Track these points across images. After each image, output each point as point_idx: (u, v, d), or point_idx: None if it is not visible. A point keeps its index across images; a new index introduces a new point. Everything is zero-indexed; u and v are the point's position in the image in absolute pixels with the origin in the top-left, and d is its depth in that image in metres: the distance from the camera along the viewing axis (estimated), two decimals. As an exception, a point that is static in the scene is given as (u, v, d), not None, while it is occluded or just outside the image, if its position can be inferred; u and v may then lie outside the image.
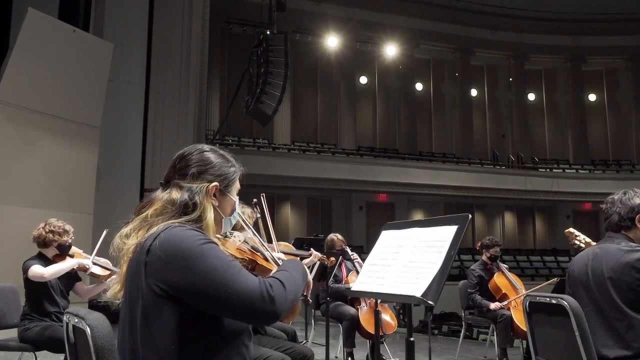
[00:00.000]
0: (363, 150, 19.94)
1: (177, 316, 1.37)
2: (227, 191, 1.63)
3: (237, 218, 1.71)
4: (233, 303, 1.36)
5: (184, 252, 1.38)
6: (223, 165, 1.63)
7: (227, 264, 1.40)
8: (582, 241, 2.98)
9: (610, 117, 23.93)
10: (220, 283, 1.35)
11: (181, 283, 1.36)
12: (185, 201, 1.53)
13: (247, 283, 1.37)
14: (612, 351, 2.38)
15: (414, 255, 1.78)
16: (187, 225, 1.48)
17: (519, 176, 20.09)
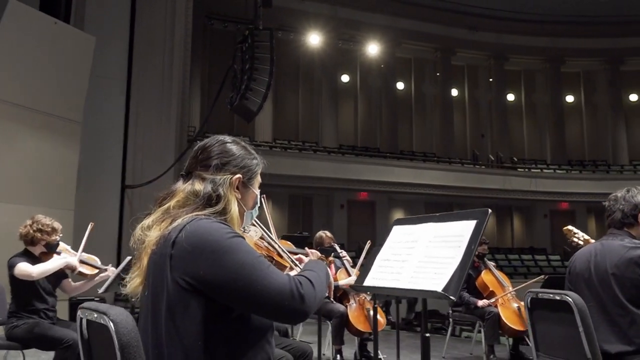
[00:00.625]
0: (345, 149, 19.95)
1: (203, 311, 1.34)
2: (250, 184, 1.60)
3: (257, 212, 1.68)
4: (262, 299, 1.32)
5: (212, 245, 1.34)
6: (246, 157, 1.59)
7: (256, 259, 1.36)
8: (581, 238, 3.01)
9: (587, 119, 24.34)
10: (250, 278, 1.32)
11: (208, 277, 1.32)
12: (209, 193, 1.49)
13: (277, 279, 1.34)
14: (614, 347, 2.40)
15: (430, 251, 1.76)
16: (212, 218, 1.43)
17: (498, 176, 20.31)
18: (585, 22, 22.26)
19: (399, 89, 22.49)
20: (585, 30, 22.43)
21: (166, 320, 1.35)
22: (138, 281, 1.47)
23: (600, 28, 22.32)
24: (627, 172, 21.81)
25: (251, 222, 1.67)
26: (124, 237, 10.55)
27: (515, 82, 23.98)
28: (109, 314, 1.22)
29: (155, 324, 1.37)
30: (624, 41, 22.54)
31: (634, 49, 22.54)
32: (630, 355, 2.37)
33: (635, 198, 2.64)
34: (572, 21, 22.27)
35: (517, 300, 5.65)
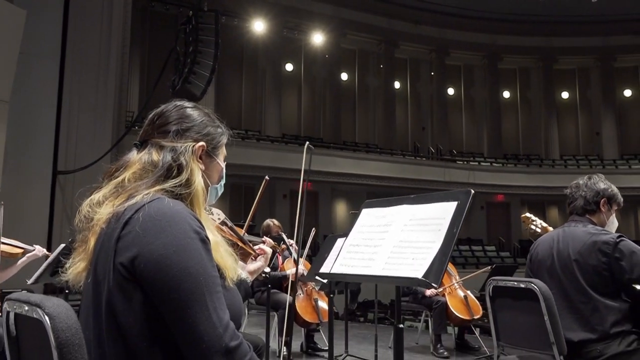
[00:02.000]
0: (288, 138, 19.76)
1: (149, 307, 1.13)
2: (215, 154, 1.40)
3: (222, 188, 1.48)
4: (186, 328, 1.09)
5: (167, 237, 1.13)
6: (209, 124, 1.39)
7: (208, 277, 1.14)
8: (539, 226, 2.97)
9: (522, 114, 25.20)
10: (187, 297, 1.10)
11: (148, 272, 1.11)
12: (169, 162, 1.28)
13: (218, 316, 1.12)
14: (577, 334, 2.36)
15: (407, 235, 1.63)
16: (176, 200, 1.22)
17: (438, 167, 20.69)
18: (523, 21, 22.94)
19: (343, 79, 22.48)
20: (522, 29, 23.13)
21: (107, 315, 1.14)
22: (82, 266, 1.25)
23: (535, 27, 23.08)
24: (558, 166, 22.72)
25: (216, 199, 1.48)
26: (55, 225, 9.97)
27: (455, 76, 24.47)
28: (44, 307, 1.00)
29: (96, 318, 1.16)
30: (557, 40, 23.42)
31: (566, 48, 23.48)
32: (592, 342, 2.34)
33: (597, 185, 2.61)
34: (510, 19, 22.90)
35: (463, 289, 5.68)
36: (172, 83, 9.63)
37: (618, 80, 24.10)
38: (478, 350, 5.65)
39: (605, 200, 2.60)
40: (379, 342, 6.36)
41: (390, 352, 5.73)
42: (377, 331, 4.29)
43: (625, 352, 2.29)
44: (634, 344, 2.31)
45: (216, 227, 1.42)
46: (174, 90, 9.39)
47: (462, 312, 5.43)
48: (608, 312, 2.34)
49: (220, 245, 1.25)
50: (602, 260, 2.37)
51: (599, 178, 2.65)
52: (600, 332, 2.33)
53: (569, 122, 25.00)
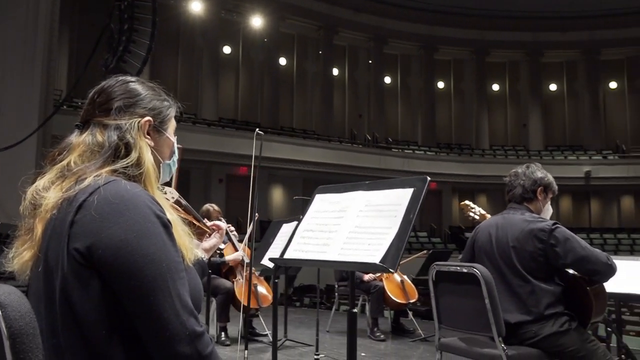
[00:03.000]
0: (225, 122, 19.47)
1: (107, 294, 1.07)
2: (163, 128, 1.32)
3: (176, 164, 1.43)
4: (147, 316, 1.05)
5: (126, 221, 1.08)
6: (154, 97, 1.31)
7: (173, 263, 1.10)
8: (477, 213, 3.07)
9: (455, 105, 25.97)
10: (151, 284, 1.05)
11: (106, 258, 1.06)
12: (115, 142, 1.21)
13: (181, 304, 1.07)
14: (513, 316, 2.47)
15: (362, 221, 1.64)
16: (139, 186, 1.16)
17: (375, 155, 21.00)
18: (458, 13, 23.55)
19: (281, 64, 22.34)
20: (457, 21, 23.75)
21: (61, 304, 1.07)
22: (28, 255, 1.16)
23: (470, 20, 23.76)
24: (487, 155, 23.60)
25: (170, 176, 1.42)
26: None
27: (392, 65, 24.84)
28: (-6, 294, 0.94)
29: (50, 307, 1.09)
30: (490, 34, 24.22)
31: (498, 42, 24.32)
32: (528, 324, 2.45)
33: (534, 174, 2.72)
34: (446, 11, 23.45)
35: (400, 274, 5.81)
36: (105, 62, 9.24)
37: (545, 75, 25.24)
38: (413, 332, 5.82)
39: (542, 189, 2.71)
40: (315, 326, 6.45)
41: (328, 335, 5.80)
42: (318, 315, 4.32)
43: (558, 332, 2.42)
44: (566, 324, 2.44)
45: (171, 207, 1.37)
46: (107, 69, 9.01)
47: (399, 296, 5.57)
48: (543, 295, 2.46)
49: (177, 225, 1.21)
50: (538, 247, 2.49)
51: (536, 167, 2.76)
52: (535, 314, 2.45)
53: (498, 113, 25.99)
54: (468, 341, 2.64)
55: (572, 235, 2.49)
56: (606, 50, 24.31)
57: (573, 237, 2.48)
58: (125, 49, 8.66)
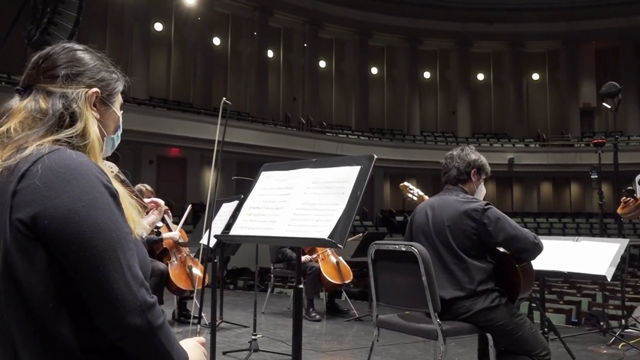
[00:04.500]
0: (156, 102, 18.91)
1: (53, 266, 1.03)
2: (110, 102, 1.28)
3: (119, 139, 1.38)
4: (97, 288, 1.02)
5: (73, 190, 1.04)
6: (103, 68, 1.26)
7: (123, 234, 1.07)
8: (416, 194, 3.16)
9: (388, 91, 26.41)
10: (101, 255, 1.02)
11: (53, 229, 1.01)
12: (60, 110, 1.15)
13: (132, 275, 1.04)
14: (448, 293, 2.57)
15: (309, 198, 1.65)
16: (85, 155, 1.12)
17: (309, 139, 21.06)
18: (392, 0, 23.86)
19: (215, 44, 21.88)
20: (390, 8, 24.06)
21: (4, 277, 1.03)
22: None
23: (403, 7, 24.16)
24: (418, 141, 24.23)
25: (112, 150, 1.37)
26: None
27: (327, 49, 24.91)
28: None
29: None
30: (422, 22, 24.73)
31: (430, 31, 24.89)
32: (462, 300, 2.56)
33: (468, 156, 2.83)
34: (381, -2, 23.71)
35: (336, 255, 5.90)
36: (27, 33, 8.69)
37: (473, 65, 26.10)
38: (347, 313, 5.94)
39: (475, 171, 2.83)
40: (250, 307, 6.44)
41: (264, 317, 5.82)
42: (256, 296, 4.33)
43: (489, 307, 2.54)
44: (496, 300, 2.57)
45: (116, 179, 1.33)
46: (30, 41, 8.49)
47: (335, 277, 5.65)
48: (476, 272, 2.57)
49: (124, 198, 1.18)
50: (471, 226, 2.59)
51: (470, 149, 2.87)
52: (468, 290, 2.56)
53: (429, 100, 26.68)
54: (405, 317, 2.73)
55: (503, 215, 2.61)
56: (529, 43, 25.43)
57: (504, 217, 2.60)
58: (50, 21, 8.18)
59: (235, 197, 3.16)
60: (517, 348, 2.60)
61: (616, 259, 3.07)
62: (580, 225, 22.02)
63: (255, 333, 3.97)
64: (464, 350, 4.07)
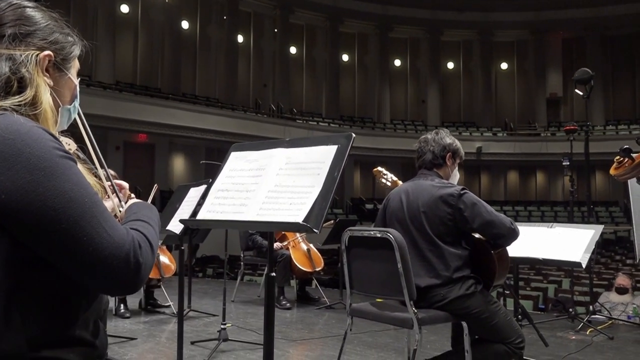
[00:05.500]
0: (122, 86, 18.44)
1: (6, 248, 0.92)
2: (65, 67, 1.14)
3: (77, 109, 1.25)
4: (85, 257, 0.92)
5: (29, 159, 0.91)
6: (57, 29, 1.12)
7: (91, 197, 0.96)
8: (389, 180, 3.08)
9: (359, 78, 26.35)
10: (77, 224, 0.92)
11: (13, 204, 0.90)
12: (6, 75, 1.02)
13: (114, 234, 0.95)
14: (424, 280, 2.50)
15: (283, 179, 1.55)
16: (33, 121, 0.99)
17: (279, 125, 20.85)
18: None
19: (184, 28, 21.44)
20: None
21: None
22: None
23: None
24: (388, 129, 24.26)
25: (68, 123, 1.24)
26: None
27: (298, 35, 24.66)
28: None
29: None
30: (392, 9, 24.68)
31: (400, 18, 24.86)
32: (437, 287, 2.50)
33: (443, 140, 2.76)
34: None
35: (306, 242, 5.81)
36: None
37: (443, 53, 26.21)
38: (318, 300, 5.87)
39: (450, 154, 2.76)
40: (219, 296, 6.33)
41: (233, 305, 5.71)
42: (225, 285, 4.21)
43: (465, 295, 2.49)
44: (472, 287, 2.51)
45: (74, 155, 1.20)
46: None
47: (306, 265, 5.57)
48: (451, 259, 2.51)
49: (87, 175, 1.06)
50: (447, 211, 2.53)
51: (445, 133, 2.81)
52: (444, 278, 2.50)
53: (399, 89, 26.73)
54: (379, 306, 2.66)
55: (479, 200, 2.56)
56: (499, 32, 25.64)
57: (480, 202, 2.55)
58: None
59: (203, 181, 3.04)
60: (492, 336, 2.55)
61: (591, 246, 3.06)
62: (545, 214, 22.45)
63: (224, 322, 3.86)
64: (436, 338, 4.05)
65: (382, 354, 3.79)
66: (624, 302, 5.55)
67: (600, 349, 4.00)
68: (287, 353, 3.89)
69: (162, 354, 3.85)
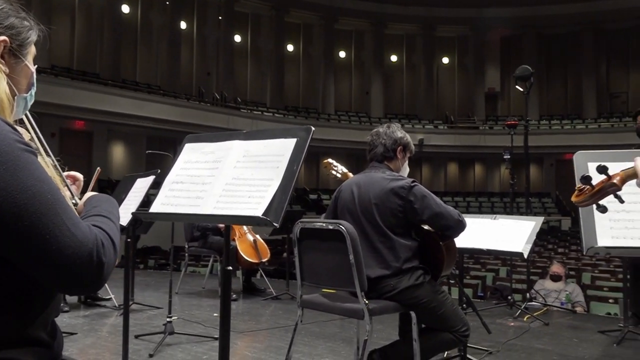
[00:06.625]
0: (58, 70, 17.67)
1: None
2: (22, 54, 1.09)
3: (33, 98, 1.19)
4: (47, 255, 0.89)
5: None
6: (12, 13, 1.06)
7: (54, 192, 0.92)
8: (339, 172, 3.10)
9: (304, 69, 26.31)
10: (39, 220, 0.88)
11: None
12: None
13: (77, 232, 0.92)
14: (374, 271, 2.54)
15: (240, 172, 1.53)
16: None
17: (223, 115, 20.55)
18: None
19: (124, 12, 20.72)
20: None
21: None
22: None
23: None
24: (333, 120, 24.38)
25: (24, 112, 1.18)
26: None
27: (243, 24, 24.33)
28: None
29: None
30: (338, 1, 24.77)
31: (345, 10, 24.96)
32: (387, 278, 2.54)
33: (395, 134, 2.80)
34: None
35: (252, 233, 5.77)
36: None
37: (387, 46, 26.52)
38: (264, 291, 5.86)
39: (401, 148, 2.81)
40: (162, 288, 6.21)
41: (177, 297, 5.61)
42: (171, 276, 4.13)
43: (414, 285, 2.54)
44: (421, 278, 2.57)
45: None
46: None
47: (252, 256, 5.54)
48: (401, 250, 2.56)
49: (47, 168, 1.01)
50: (398, 203, 2.57)
51: (397, 127, 2.85)
52: (394, 268, 2.54)
53: (344, 80, 26.88)
54: (330, 297, 2.67)
55: (429, 193, 2.61)
56: (441, 27, 26.18)
57: (429, 195, 2.60)
58: None
59: (151, 172, 2.96)
60: (439, 324, 2.62)
61: (532, 236, 3.19)
62: (483, 204, 23.21)
63: (170, 315, 3.79)
64: (382, 327, 4.11)
65: (330, 344, 3.83)
66: (557, 289, 5.83)
67: (537, 334, 4.19)
68: (234, 345, 3.87)
69: (104, 348, 3.75)
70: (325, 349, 3.72)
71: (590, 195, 1.44)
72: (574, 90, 26.18)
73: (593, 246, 1.68)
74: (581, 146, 5.94)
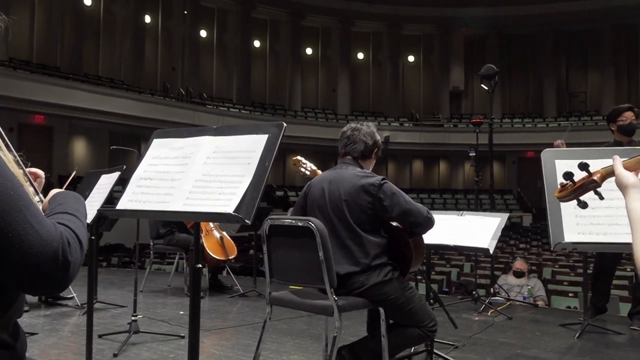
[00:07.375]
0: (16, 63, 17.12)
1: None
2: None
3: None
4: (11, 254, 0.86)
5: None
6: None
7: (17, 190, 0.89)
8: (308, 169, 3.10)
9: (270, 65, 26.19)
10: (0, 219, 0.85)
11: None
12: None
13: (40, 231, 0.89)
14: (343, 268, 2.54)
15: (211, 168, 1.50)
16: None
17: (188, 110, 20.27)
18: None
19: (86, 4, 20.21)
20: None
21: None
22: None
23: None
24: (299, 117, 24.35)
25: None
26: None
27: (209, 19, 24.06)
28: None
29: None
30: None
31: (312, 7, 24.92)
32: (356, 274, 2.55)
33: (375, 136, 2.82)
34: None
35: (219, 230, 5.72)
36: None
37: (354, 43, 26.62)
38: (231, 288, 5.81)
39: (377, 150, 2.84)
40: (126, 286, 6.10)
41: (142, 296, 5.52)
42: (136, 274, 4.06)
43: (382, 281, 2.56)
44: (389, 274, 2.59)
45: None
46: None
47: (218, 253, 5.49)
48: (370, 246, 2.57)
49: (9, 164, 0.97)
50: (368, 200, 2.58)
51: (374, 128, 2.86)
52: (363, 265, 2.55)
53: (310, 77, 26.87)
54: (298, 294, 2.67)
55: (398, 190, 2.63)
56: (407, 26, 26.40)
57: (399, 192, 2.62)
58: None
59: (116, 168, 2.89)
60: (407, 320, 2.65)
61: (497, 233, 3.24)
62: (447, 201, 23.54)
63: (135, 313, 3.72)
64: (349, 323, 4.13)
65: (297, 341, 3.82)
66: (520, 284, 5.96)
67: (501, 328, 4.28)
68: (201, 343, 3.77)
69: (66, 348, 3.65)
70: (293, 345, 3.71)
71: (571, 191, 1.49)
72: (535, 89, 26.78)
73: (560, 242, 1.72)
74: (542, 144, 6.07)
